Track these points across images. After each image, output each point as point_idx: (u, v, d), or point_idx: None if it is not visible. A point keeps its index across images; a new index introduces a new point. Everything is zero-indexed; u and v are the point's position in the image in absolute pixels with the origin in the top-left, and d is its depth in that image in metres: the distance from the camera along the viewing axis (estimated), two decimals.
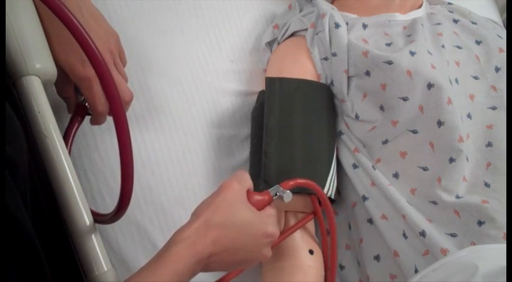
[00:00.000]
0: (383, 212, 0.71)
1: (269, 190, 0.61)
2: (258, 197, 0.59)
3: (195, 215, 0.54)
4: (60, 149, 0.54)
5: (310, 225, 0.76)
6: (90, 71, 0.59)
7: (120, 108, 0.47)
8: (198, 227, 0.52)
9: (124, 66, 0.67)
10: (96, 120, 0.65)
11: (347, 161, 0.77)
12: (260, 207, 0.59)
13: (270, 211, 0.59)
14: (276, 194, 0.61)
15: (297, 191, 0.66)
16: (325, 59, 0.79)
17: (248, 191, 0.59)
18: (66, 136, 0.64)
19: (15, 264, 0.37)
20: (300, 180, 0.65)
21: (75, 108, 0.66)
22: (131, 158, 0.49)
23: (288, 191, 0.61)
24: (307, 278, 0.70)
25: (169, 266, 0.49)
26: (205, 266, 0.53)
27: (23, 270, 0.38)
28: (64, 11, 0.45)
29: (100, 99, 0.61)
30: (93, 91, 0.60)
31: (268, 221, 0.57)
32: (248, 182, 0.59)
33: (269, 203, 0.60)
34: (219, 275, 0.66)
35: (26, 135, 0.45)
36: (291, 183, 0.63)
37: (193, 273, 0.52)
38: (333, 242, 0.72)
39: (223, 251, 0.53)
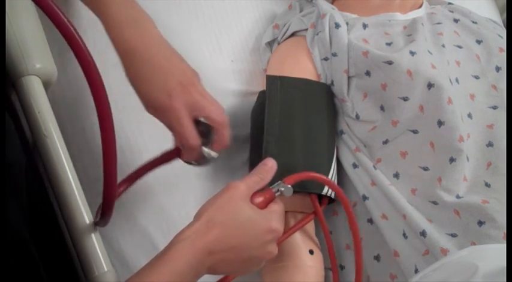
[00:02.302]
0: (383, 212, 0.71)
1: (271, 187, 0.61)
2: (259, 197, 0.58)
3: (198, 215, 0.54)
4: (60, 149, 0.54)
5: (310, 225, 0.76)
6: (176, 102, 0.58)
7: (107, 114, 0.46)
8: (200, 227, 0.52)
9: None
10: (189, 155, 0.63)
11: (347, 161, 0.77)
12: (263, 205, 0.58)
13: (274, 207, 0.58)
14: (277, 190, 0.60)
15: (296, 189, 0.66)
16: (326, 59, 0.79)
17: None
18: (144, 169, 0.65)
19: (10, 269, 0.36)
20: (302, 174, 0.64)
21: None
22: (115, 168, 0.48)
23: (289, 186, 0.60)
24: (307, 278, 0.70)
25: (168, 266, 0.48)
26: (211, 267, 0.52)
27: (18, 274, 0.37)
28: (56, 12, 0.43)
29: (191, 132, 0.59)
30: (182, 122, 0.59)
31: (271, 217, 0.56)
32: (257, 188, 0.58)
33: (271, 199, 0.59)
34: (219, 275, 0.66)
35: (22, 135, 0.45)
36: (294, 177, 0.62)
37: (197, 274, 0.51)
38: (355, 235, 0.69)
39: (227, 250, 0.52)
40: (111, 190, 0.49)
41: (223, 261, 0.53)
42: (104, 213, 0.52)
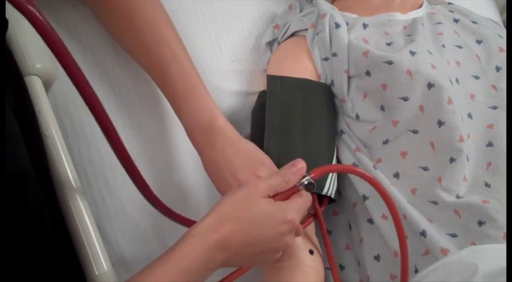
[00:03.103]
0: (383, 212, 0.71)
1: None
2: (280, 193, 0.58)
3: (211, 210, 0.53)
4: (60, 149, 0.54)
5: (310, 225, 0.76)
6: None
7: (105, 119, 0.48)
8: (212, 222, 0.51)
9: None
10: None
11: (347, 161, 0.77)
12: (284, 198, 0.57)
13: (295, 199, 0.58)
14: (301, 184, 0.58)
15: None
16: (326, 59, 0.79)
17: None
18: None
19: None
20: (329, 166, 0.62)
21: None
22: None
23: (312, 181, 0.59)
24: (307, 278, 0.69)
25: (172, 263, 0.47)
26: (224, 262, 0.51)
27: None
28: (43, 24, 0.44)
29: None
30: None
31: (287, 208, 0.55)
32: (279, 191, 0.57)
33: (293, 193, 0.58)
34: (221, 275, 0.66)
35: (31, 137, 0.45)
36: (320, 170, 0.60)
37: (208, 270, 0.50)
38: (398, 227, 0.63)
39: (241, 246, 0.51)
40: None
41: (237, 255, 0.52)
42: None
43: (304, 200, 0.59)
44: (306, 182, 0.59)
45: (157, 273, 0.47)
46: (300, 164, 0.60)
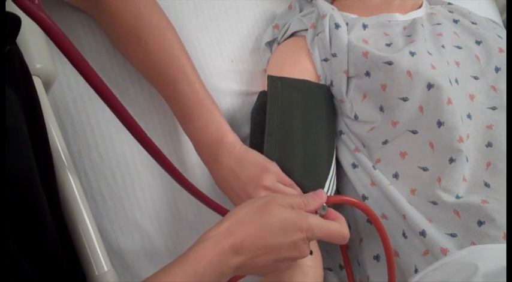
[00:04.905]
0: (383, 212, 0.71)
1: None
2: None
3: (228, 215, 0.53)
4: (60, 149, 0.54)
5: None
6: None
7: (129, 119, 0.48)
8: (227, 226, 0.51)
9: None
10: None
11: (346, 161, 0.77)
12: None
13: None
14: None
15: None
16: (325, 60, 0.79)
17: None
18: None
19: None
20: (346, 198, 0.66)
21: None
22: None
23: (325, 204, 0.61)
24: (307, 278, 0.69)
25: (186, 266, 0.47)
26: (239, 267, 0.51)
27: None
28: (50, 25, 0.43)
29: None
30: None
31: (306, 217, 0.55)
32: (299, 207, 0.58)
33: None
34: None
35: (40, 136, 0.44)
36: (336, 199, 0.64)
37: (221, 275, 0.50)
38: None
39: (256, 250, 0.51)
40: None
41: (251, 262, 0.51)
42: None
43: (333, 224, 0.59)
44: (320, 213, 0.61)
45: (171, 275, 0.47)
46: (323, 195, 0.62)
